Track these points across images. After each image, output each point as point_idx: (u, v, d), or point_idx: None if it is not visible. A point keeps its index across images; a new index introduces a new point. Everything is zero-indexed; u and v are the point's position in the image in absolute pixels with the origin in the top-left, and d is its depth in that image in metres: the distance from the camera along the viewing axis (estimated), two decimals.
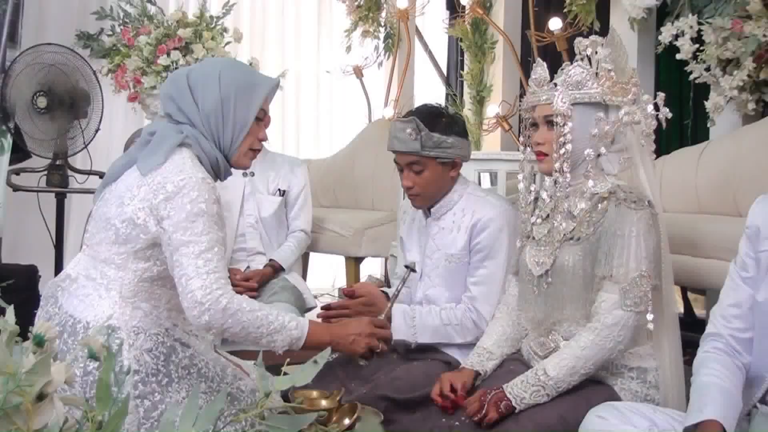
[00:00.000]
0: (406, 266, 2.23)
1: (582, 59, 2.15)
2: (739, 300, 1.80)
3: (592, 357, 2.04)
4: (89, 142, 4.17)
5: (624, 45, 2.21)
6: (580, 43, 2.17)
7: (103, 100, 4.17)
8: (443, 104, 2.64)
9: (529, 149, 2.25)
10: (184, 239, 1.86)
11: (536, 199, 2.28)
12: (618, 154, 2.14)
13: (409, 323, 2.48)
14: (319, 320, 2.50)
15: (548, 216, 2.21)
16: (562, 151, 2.09)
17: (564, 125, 2.09)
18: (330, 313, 2.51)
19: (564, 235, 2.14)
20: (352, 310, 2.49)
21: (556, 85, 2.14)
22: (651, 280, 2.04)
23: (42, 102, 3.99)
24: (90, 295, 1.96)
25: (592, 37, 2.17)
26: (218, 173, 2.08)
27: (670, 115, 2.17)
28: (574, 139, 2.09)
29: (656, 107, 2.16)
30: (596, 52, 2.13)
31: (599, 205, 2.11)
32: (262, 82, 2.11)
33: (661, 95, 2.16)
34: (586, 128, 2.10)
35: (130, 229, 1.92)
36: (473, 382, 2.21)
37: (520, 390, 2.03)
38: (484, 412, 2.03)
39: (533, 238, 2.24)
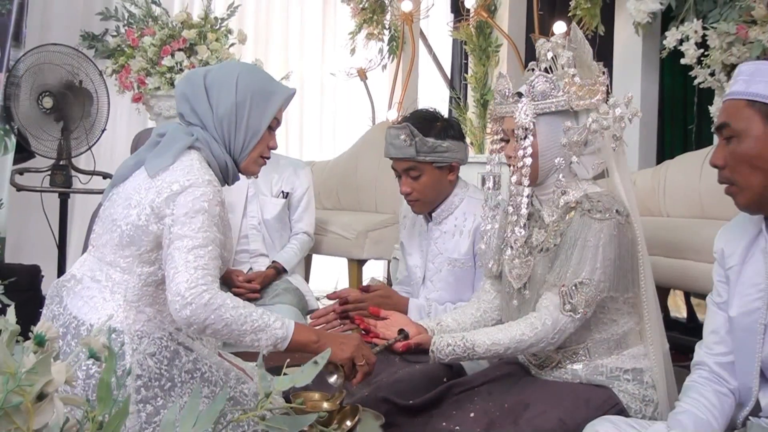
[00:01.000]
0: (401, 331, 2.23)
1: (544, 62, 2.10)
2: (716, 326, 1.84)
3: (522, 350, 2.05)
4: (95, 143, 4.17)
5: (587, 41, 2.14)
6: (542, 46, 2.13)
7: (109, 101, 4.17)
8: (437, 109, 2.64)
9: (497, 156, 2.23)
10: (180, 233, 1.85)
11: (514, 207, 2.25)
12: (591, 157, 2.10)
13: (423, 315, 2.48)
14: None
15: (524, 225, 2.18)
16: (520, 164, 2.06)
17: (525, 138, 2.05)
18: (348, 306, 2.48)
19: (537, 246, 2.13)
20: (369, 303, 2.47)
21: (520, 95, 2.09)
22: (595, 290, 2.01)
23: (48, 102, 4.00)
24: (95, 297, 1.95)
25: (554, 39, 2.13)
26: (227, 178, 2.07)
27: (640, 115, 2.13)
28: (542, 149, 2.07)
29: (625, 106, 2.10)
30: (556, 57, 2.09)
31: (567, 215, 2.09)
32: (279, 90, 2.10)
33: (629, 95, 2.12)
34: (556, 138, 2.07)
35: (134, 231, 1.92)
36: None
37: (443, 354, 2.06)
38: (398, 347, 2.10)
39: (511, 247, 2.22)
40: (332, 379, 2.00)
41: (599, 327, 2.11)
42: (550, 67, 2.10)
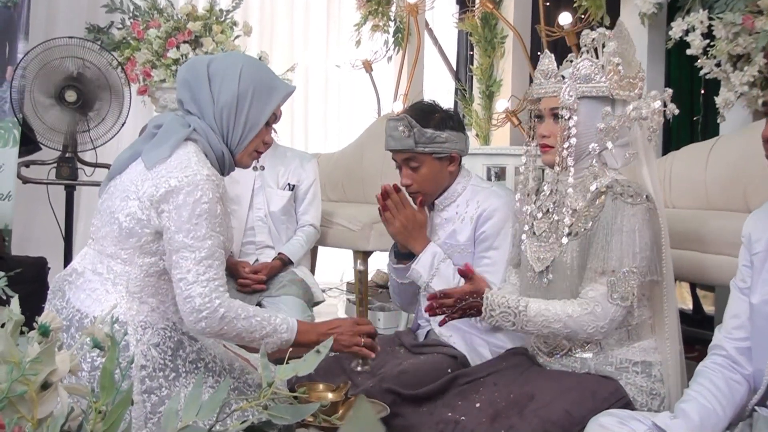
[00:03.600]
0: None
1: (588, 51, 2.13)
2: (738, 311, 1.84)
3: (569, 329, 2.05)
4: (115, 134, 4.17)
5: (632, 38, 2.20)
6: (587, 35, 2.16)
7: (131, 94, 4.15)
8: (437, 101, 2.64)
9: (534, 141, 2.25)
10: (186, 242, 1.87)
11: (538, 191, 2.28)
12: (622, 148, 2.13)
13: (433, 265, 2.50)
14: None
15: (549, 211, 2.21)
16: (566, 144, 2.09)
17: (569, 118, 2.08)
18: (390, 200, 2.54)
19: (564, 230, 2.14)
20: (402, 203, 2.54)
21: (563, 77, 2.13)
22: (640, 276, 2.03)
23: (71, 96, 3.98)
24: (97, 289, 1.96)
25: (600, 30, 2.16)
26: (222, 168, 2.06)
27: (677, 112, 2.16)
28: (579, 132, 2.09)
29: (664, 103, 2.15)
30: (604, 45, 2.13)
31: (597, 199, 2.11)
32: (280, 86, 2.10)
33: (669, 91, 2.15)
34: (593, 122, 2.10)
35: (134, 224, 1.92)
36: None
37: (495, 304, 2.07)
38: (454, 302, 2.10)
39: (534, 233, 2.23)
40: (358, 367, 2.13)
41: None
42: (593, 57, 2.14)
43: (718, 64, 3.39)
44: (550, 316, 2.05)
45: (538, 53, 5.55)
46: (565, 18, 4.87)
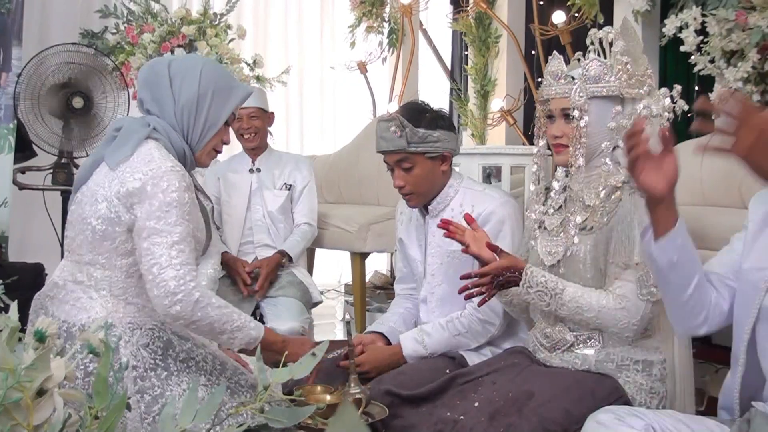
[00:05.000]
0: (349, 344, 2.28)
1: (593, 49, 2.15)
2: (723, 260, 1.84)
3: (600, 320, 2.07)
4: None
5: (637, 34, 2.21)
6: (594, 34, 2.18)
7: (129, 98, 4.15)
8: (426, 101, 2.63)
9: (543, 141, 2.26)
10: (157, 227, 1.87)
11: (547, 189, 2.29)
12: None
13: (419, 348, 2.49)
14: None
15: (560, 207, 2.22)
16: (577, 145, 2.11)
17: (581, 119, 2.10)
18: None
19: (577, 225, 2.15)
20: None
21: (572, 78, 2.14)
22: None
23: (78, 102, 3.97)
24: (81, 298, 1.96)
25: (606, 28, 2.18)
26: (184, 165, 2.07)
27: (686, 107, 2.17)
28: (591, 132, 2.11)
29: (672, 99, 2.16)
30: (611, 44, 2.14)
31: (612, 195, 2.13)
32: (239, 87, 2.15)
33: (677, 87, 2.16)
34: (604, 121, 2.12)
35: (106, 225, 1.93)
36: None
37: (533, 282, 2.09)
38: (492, 279, 2.11)
39: (545, 228, 2.24)
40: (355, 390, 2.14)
41: None
42: (599, 55, 2.15)
43: (711, 61, 3.39)
44: (583, 304, 2.07)
45: (533, 52, 5.58)
46: (558, 17, 4.87)
